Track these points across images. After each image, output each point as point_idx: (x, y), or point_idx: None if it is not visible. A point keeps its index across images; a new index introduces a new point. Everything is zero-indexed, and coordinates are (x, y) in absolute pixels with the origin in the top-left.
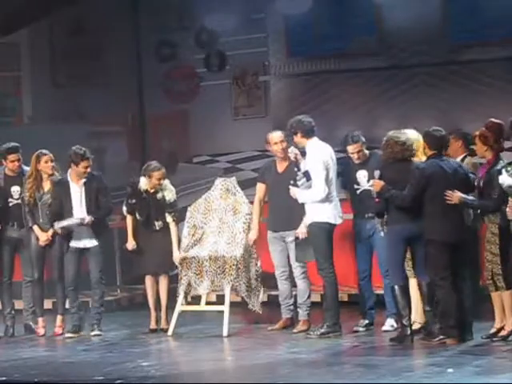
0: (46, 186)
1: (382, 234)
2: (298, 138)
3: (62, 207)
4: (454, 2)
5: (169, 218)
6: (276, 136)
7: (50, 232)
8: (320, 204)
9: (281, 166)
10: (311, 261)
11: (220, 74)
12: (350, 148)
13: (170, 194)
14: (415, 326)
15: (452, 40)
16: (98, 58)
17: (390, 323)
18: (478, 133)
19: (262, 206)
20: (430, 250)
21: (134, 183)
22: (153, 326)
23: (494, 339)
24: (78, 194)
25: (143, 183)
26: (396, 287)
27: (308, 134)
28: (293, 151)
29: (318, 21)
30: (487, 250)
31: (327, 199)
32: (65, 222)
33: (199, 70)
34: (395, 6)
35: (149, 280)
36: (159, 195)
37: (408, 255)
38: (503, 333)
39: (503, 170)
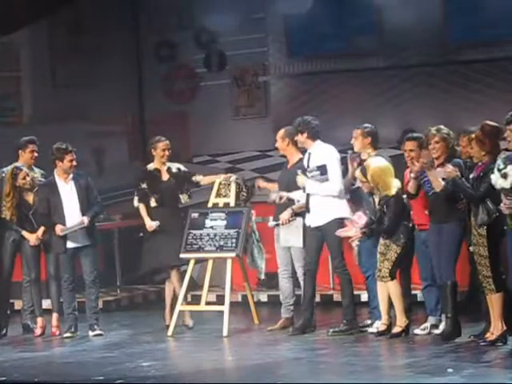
0: (30, 197)
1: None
2: (302, 138)
3: (49, 208)
4: (454, 2)
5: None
6: (278, 134)
7: (40, 232)
8: (338, 200)
9: (289, 163)
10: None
11: (220, 74)
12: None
13: (181, 166)
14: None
15: (452, 40)
16: (97, 57)
17: (377, 325)
18: (474, 136)
19: None
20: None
21: (145, 168)
22: (168, 321)
23: (482, 343)
24: (67, 192)
25: (151, 165)
26: (449, 283)
27: (314, 136)
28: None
29: (318, 21)
30: (476, 253)
31: (342, 195)
32: (68, 229)
33: (199, 70)
34: (395, 6)
35: (174, 275)
36: (174, 170)
37: (390, 255)
38: (491, 337)
39: (495, 170)
